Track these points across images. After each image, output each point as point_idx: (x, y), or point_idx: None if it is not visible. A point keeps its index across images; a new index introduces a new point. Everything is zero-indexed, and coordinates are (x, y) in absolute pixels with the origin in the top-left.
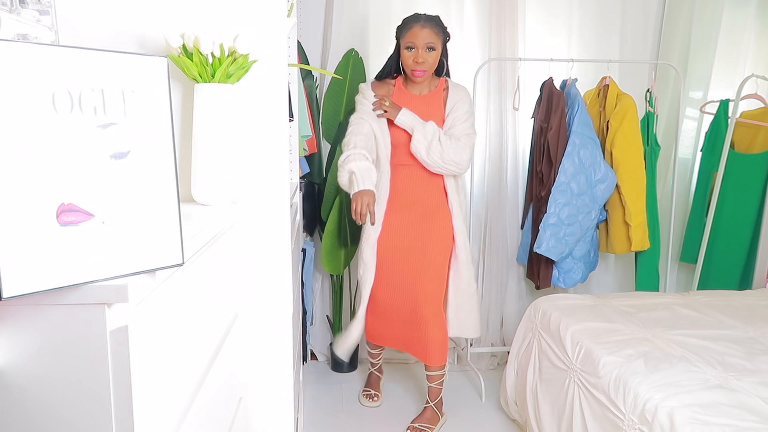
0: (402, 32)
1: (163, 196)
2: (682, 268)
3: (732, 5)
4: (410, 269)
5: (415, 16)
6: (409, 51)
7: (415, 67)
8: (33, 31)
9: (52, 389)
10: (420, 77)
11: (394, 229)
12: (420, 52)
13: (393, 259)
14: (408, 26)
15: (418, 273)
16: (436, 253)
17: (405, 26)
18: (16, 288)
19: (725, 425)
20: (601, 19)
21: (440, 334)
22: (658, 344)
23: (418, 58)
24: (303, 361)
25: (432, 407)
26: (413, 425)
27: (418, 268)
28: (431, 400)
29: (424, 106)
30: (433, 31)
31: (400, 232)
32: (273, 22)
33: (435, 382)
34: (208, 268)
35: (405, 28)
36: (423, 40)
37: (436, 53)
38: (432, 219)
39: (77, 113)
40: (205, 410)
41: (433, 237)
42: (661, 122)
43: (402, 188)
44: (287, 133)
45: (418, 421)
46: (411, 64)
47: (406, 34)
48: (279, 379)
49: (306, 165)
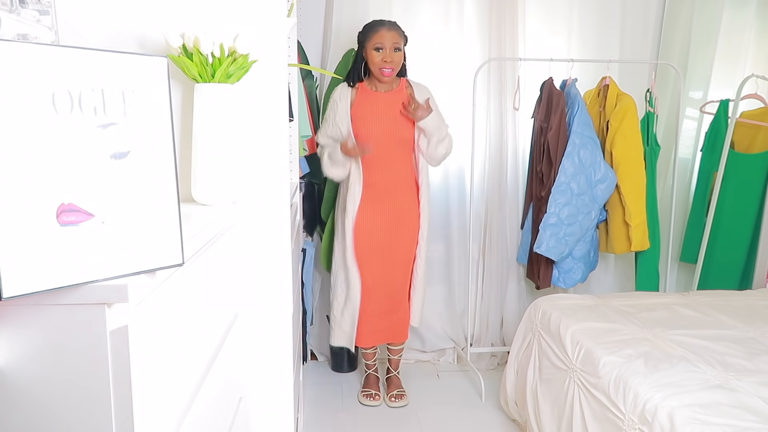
0: (368, 35)
1: (163, 196)
2: (682, 268)
3: (732, 5)
4: (386, 260)
5: (379, 21)
6: (378, 51)
7: (383, 65)
8: (33, 31)
9: (52, 389)
10: (389, 76)
11: (370, 226)
12: (388, 52)
13: (371, 254)
14: (374, 29)
15: (394, 263)
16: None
17: (371, 30)
18: (16, 288)
19: (725, 425)
20: (601, 19)
21: (408, 314)
22: (658, 344)
23: (386, 58)
24: (303, 361)
25: (396, 374)
26: (393, 393)
27: (393, 258)
28: (394, 369)
29: (389, 103)
30: (398, 32)
31: (375, 226)
32: (273, 22)
33: (398, 354)
34: (208, 268)
35: (371, 32)
36: (390, 41)
37: (401, 53)
38: (402, 209)
39: (77, 113)
40: (205, 410)
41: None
42: (661, 122)
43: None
44: (287, 133)
45: (394, 389)
46: (380, 62)
47: (373, 37)
48: (279, 379)
49: (306, 165)
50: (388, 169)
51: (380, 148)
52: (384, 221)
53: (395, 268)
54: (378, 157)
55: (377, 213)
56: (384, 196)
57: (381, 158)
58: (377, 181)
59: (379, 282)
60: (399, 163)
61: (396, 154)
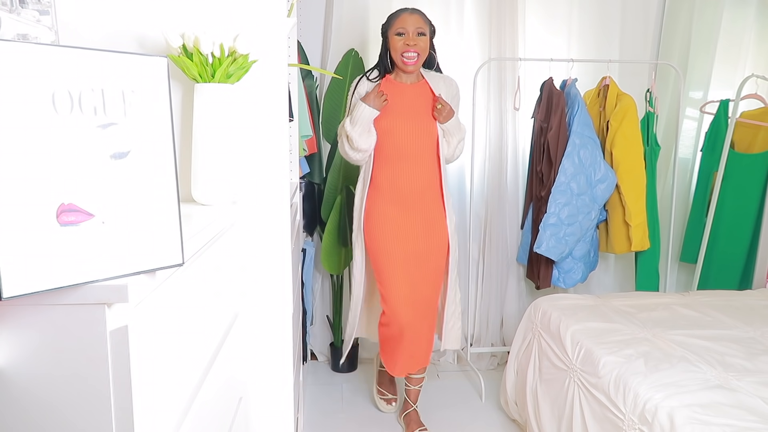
0: (390, 23)
1: (163, 196)
2: (682, 268)
3: (732, 5)
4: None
5: (402, 8)
6: (400, 36)
7: (406, 49)
8: (33, 31)
9: (52, 389)
10: (412, 63)
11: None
12: (411, 36)
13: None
14: (396, 15)
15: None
16: (436, 255)
17: (393, 17)
18: (16, 288)
19: (725, 425)
20: (601, 19)
21: (432, 333)
22: (658, 344)
23: (409, 41)
24: (303, 361)
25: (416, 409)
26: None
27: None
28: (413, 402)
29: (416, 95)
30: (422, 17)
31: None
32: (273, 22)
33: (419, 384)
34: (208, 268)
35: (393, 18)
36: (413, 25)
37: (426, 39)
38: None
39: (77, 113)
40: (205, 410)
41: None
42: (661, 122)
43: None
44: (287, 133)
45: (416, 427)
46: (401, 47)
47: (395, 22)
48: (279, 379)
49: (306, 165)
50: (413, 165)
51: (406, 141)
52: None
53: (425, 282)
54: (402, 151)
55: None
56: (409, 196)
57: (406, 152)
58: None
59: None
60: (425, 160)
61: (422, 150)
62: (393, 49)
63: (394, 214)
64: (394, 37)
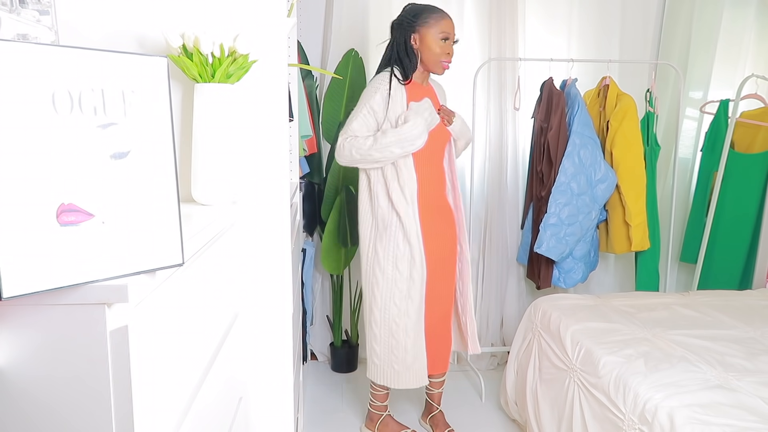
0: (428, 21)
1: (163, 196)
2: (682, 268)
3: (732, 5)
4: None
5: (437, 7)
6: (444, 42)
7: (448, 58)
8: (33, 31)
9: (52, 389)
10: (446, 69)
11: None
12: (450, 44)
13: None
14: (439, 14)
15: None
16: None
17: (432, 14)
18: (16, 288)
19: (725, 425)
20: (601, 19)
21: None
22: (658, 344)
23: (450, 51)
24: (303, 361)
25: (441, 411)
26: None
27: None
28: (438, 404)
29: (433, 97)
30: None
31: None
32: (273, 22)
33: (442, 387)
34: (208, 268)
35: (433, 17)
36: (453, 31)
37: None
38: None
39: (77, 113)
40: (205, 410)
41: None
42: (661, 122)
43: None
44: (287, 133)
45: (444, 428)
46: (442, 52)
47: (440, 23)
48: (279, 379)
49: (306, 165)
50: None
51: (433, 144)
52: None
53: (443, 281)
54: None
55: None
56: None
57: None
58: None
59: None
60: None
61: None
62: (429, 49)
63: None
64: (435, 38)
